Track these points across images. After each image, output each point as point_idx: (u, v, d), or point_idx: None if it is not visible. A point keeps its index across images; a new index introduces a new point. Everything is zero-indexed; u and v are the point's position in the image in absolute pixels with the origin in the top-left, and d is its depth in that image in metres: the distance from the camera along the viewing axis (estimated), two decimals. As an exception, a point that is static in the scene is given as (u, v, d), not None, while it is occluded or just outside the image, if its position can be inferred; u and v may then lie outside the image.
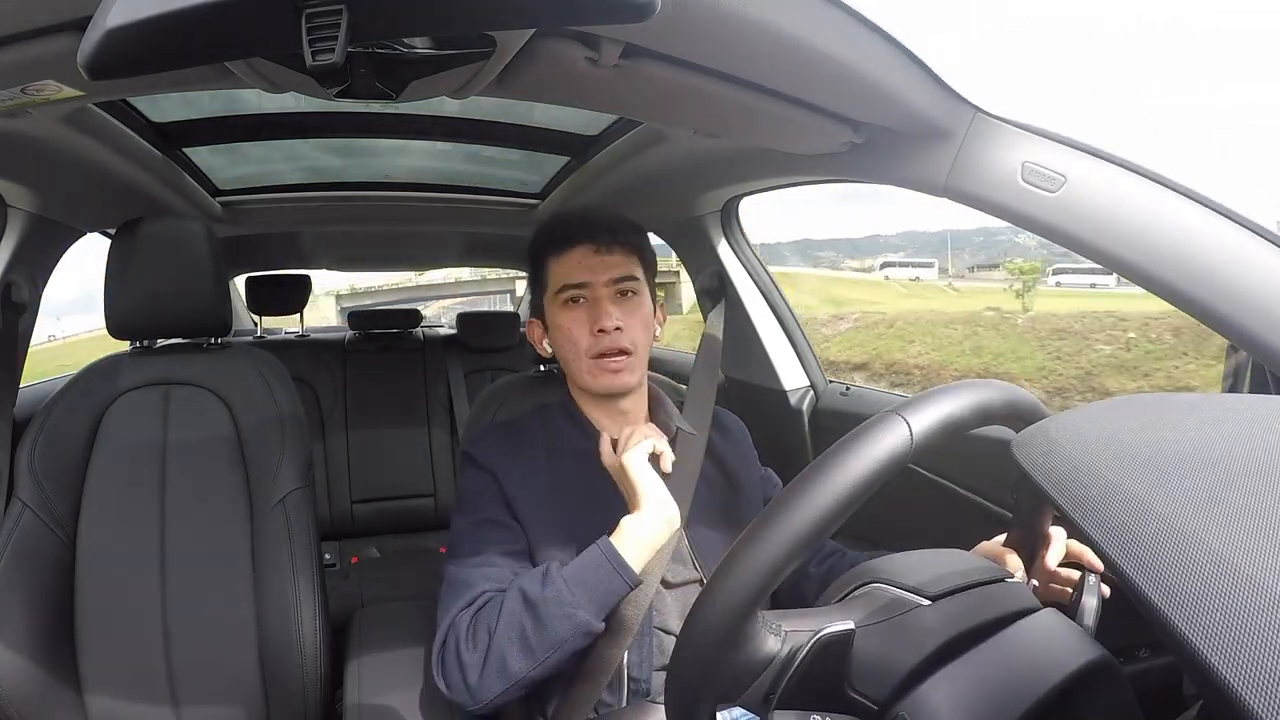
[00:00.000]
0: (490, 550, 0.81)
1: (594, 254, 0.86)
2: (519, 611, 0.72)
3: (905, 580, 0.49)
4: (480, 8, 0.44)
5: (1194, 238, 0.66)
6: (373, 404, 2.20)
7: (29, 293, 1.13)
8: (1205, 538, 0.27)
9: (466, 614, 0.76)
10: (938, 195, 0.82)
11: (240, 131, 1.36)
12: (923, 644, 0.45)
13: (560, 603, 0.70)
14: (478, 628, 0.74)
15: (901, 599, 0.48)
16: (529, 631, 0.71)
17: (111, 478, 1.06)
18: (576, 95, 0.79)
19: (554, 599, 0.70)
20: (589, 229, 0.87)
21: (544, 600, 0.71)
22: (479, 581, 0.79)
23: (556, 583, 0.72)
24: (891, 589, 0.49)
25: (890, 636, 0.46)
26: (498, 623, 0.72)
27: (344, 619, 1.18)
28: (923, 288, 27.06)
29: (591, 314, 0.85)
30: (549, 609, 0.70)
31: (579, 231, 0.87)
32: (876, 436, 0.44)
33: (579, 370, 0.86)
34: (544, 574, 0.74)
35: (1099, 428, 0.37)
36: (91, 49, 0.40)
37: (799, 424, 1.49)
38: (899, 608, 0.47)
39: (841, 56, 0.66)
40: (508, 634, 0.71)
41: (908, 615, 0.47)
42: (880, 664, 0.45)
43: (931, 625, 0.46)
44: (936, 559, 0.53)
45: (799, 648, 0.45)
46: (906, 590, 0.48)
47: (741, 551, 0.43)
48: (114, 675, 1.01)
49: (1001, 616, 0.47)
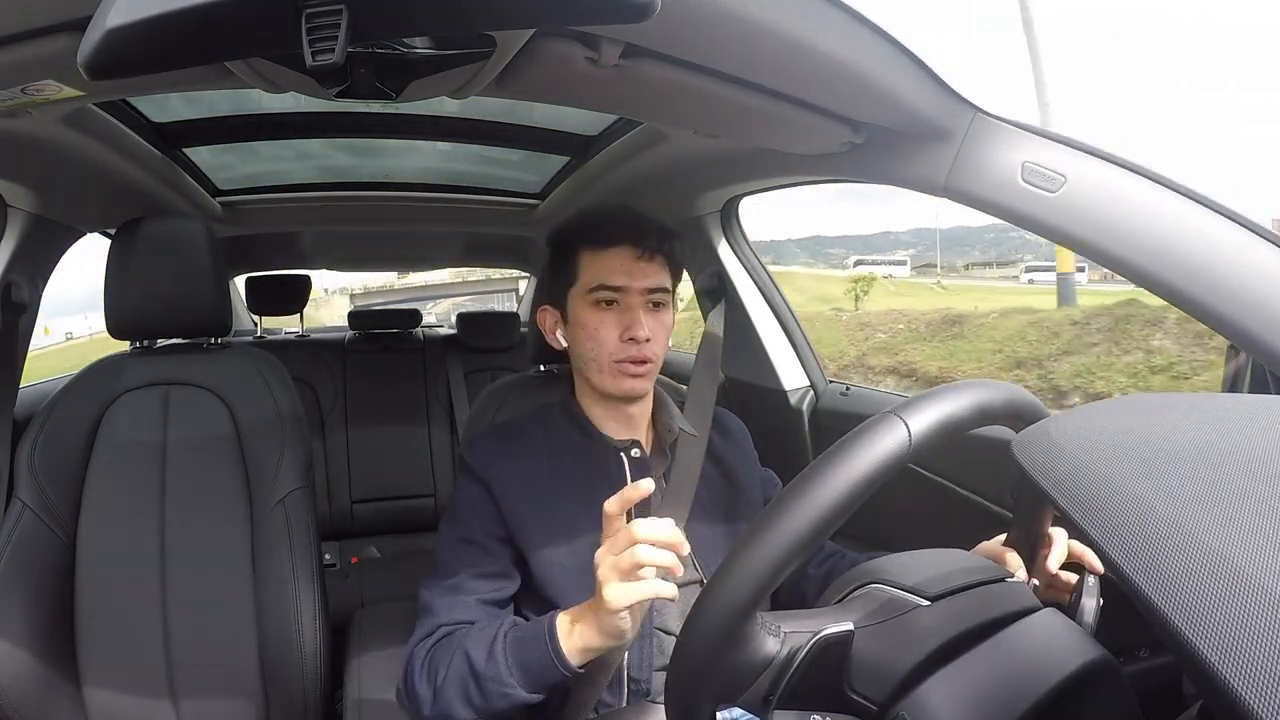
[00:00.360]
0: (463, 573, 0.81)
1: (635, 259, 0.83)
2: (463, 674, 0.72)
3: (904, 580, 0.49)
4: (480, 8, 0.44)
5: (1194, 238, 0.66)
6: (373, 404, 2.20)
7: (29, 293, 1.13)
8: (1205, 537, 0.27)
9: (423, 647, 0.77)
10: (938, 195, 0.82)
11: (240, 131, 1.36)
12: (922, 644, 0.45)
13: (499, 681, 0.70)
14: (431, 665, 0.75)
15: (900, 599, 0.48)
16: (472, 694, 0.71)
17: (111, 478, 1.06)
18: (576, 95, 0.78)
19: (493, 677, 0.70)
20: (636, 232, 0.83)
21: (484, 675, 0.70)
22: (441, 611, 0.79)
23: (498, 660, 0.70)
24: (890, 589, 0.49)
25: (889, 637, 0.46)
26: (446, 674, 0.73)
27: (344, 619, 1.18)
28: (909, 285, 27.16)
29: (623, 320, 0.83)
30: (488, 685, 0.70)
31: (624, 232, 0.83)
32: (875, 438, 0.44)
33: (596, 370, 0.85)
34: (490, 643, 0.72)
35: (1099, 427, 0.37)
36: (91, 49, 0.40)
37: (799, 424, 1.49)
38: (898, 608, 0.47)
39: (841, 56, 0.66)
40: (453, 689, 0.72)
41: (907, 616, 0.47)
42: (879, 665, 0.45)
43: (931, 626, 0.46)
44: (936, 559, 0.53)
45: (798, 649, 0.45)
46: (906, 590, 0.48)
47: (740, 553, 0.43)
48: (114, 675, 1.01)
49: (1001, 616, 0.47)
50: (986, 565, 0.54)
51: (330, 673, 1.08)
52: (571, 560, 0.81)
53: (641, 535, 0.62)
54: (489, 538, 0.83)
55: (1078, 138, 0.73)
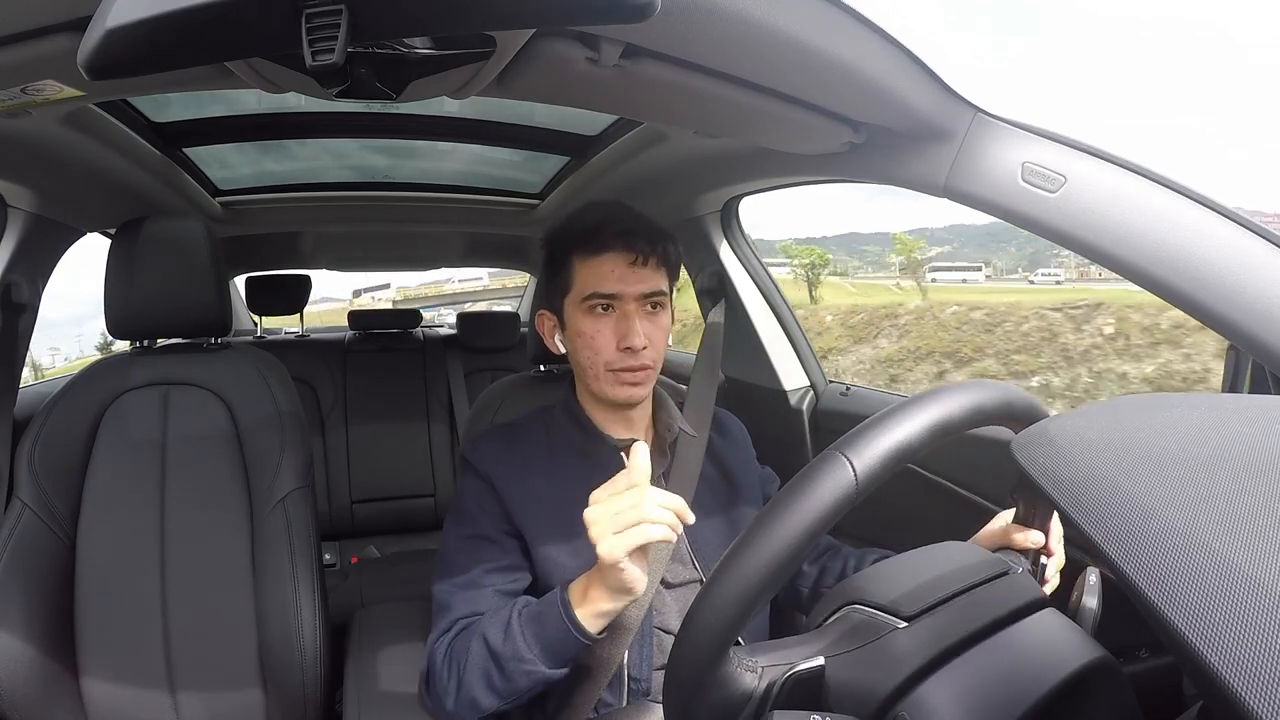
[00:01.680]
0: (475, 569, 0.81)
1: (629, 265, 0.82)
2: (483, 658, 0.72)
3: (882, 599, 0.48)
4: (480, 8, 0.44)
5: (1194, 238, 0.66)
6: (373, 404, 2.20)
7: (29, 293, 1.13)
8: (1205, 537, 0.27)
9: (443, 642, 0.77)
10: (938, 195, 0.82)
11: (240, 131, 1.36)
12: (895, 671, 0.44)
13: (519, 659, 0.70)
14: (451, 659, 0.75)
15: (876, 622, 0.47)
16: (494, 678, 0.71)
17: (111, 478, 1.06)
18: (576, 95, 0.78)
19: (513, 655, 0.70)
20: (627, 238, 0.81)
21: (503, 655, 0.70)
22: (457, 605, 0.79)
23: (515, 638, 0.70)
24: (867, 610, 0.48)
25: (864, 663, 0.46)
26: (466, 662, 0.73)
27: (344, 619, 1.18)
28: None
29: (619, 327, 0.82)
30: (509, 664, 0.70)
31: (616, 239, 0.81)
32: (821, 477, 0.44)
33: (594, 377, 0.85)
34: (505, 624, 0.72)
35: (1099, 428, 0.37)
36: (91, 49, 0.40)
37: (799, 424, 1.49)
38: (872, 633, 0.47)
39: (841, 56, 0.66)
40: (474, 676, 0.72)
41: (881, 640, 0.46)
42: (855, 692, 0.45)
43: (906, 650, 0.45)
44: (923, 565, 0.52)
45: (775, 681, 0.46)
46: (882, 610, 0.48)
47: (697, 607, 0.44)
48: (114, 674, 1.01)
49: (990, 623, 0.47)
50: (981, 563, 0.52)
51: (330, 672, 1.08)
52: (574, 560, 0.81)
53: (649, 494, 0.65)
54: (498, 532, 0.83)
55: (1077, 137, 0.73)
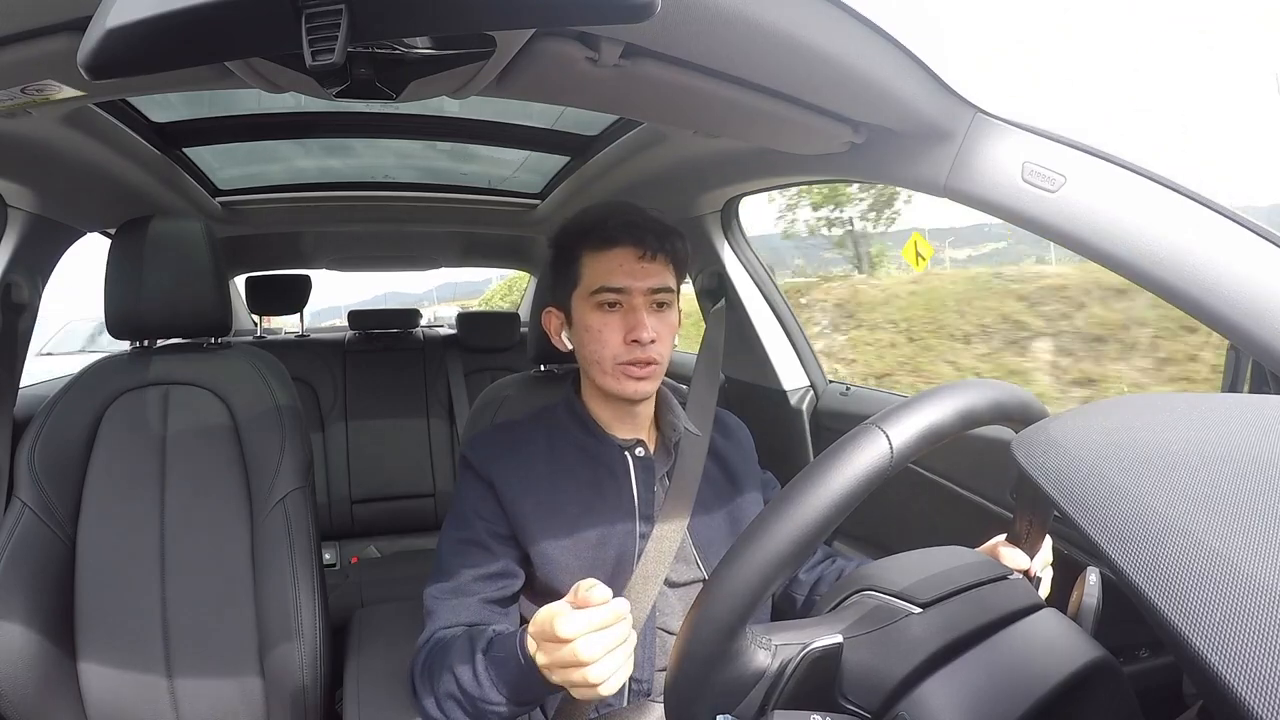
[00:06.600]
0: (465, 575, 0.81)
1: (637, 260, 0.82)
2: (454, 689, 0.72)
3: (896, 586, 0.49)
4: (480, 8, 0.44)
5: (1194, 238, 0.66)
6: (373, 404, 2.20)
7: (29, 293, 1.13)
8: (1206, 537, 0.27)
9: (421, 654, 0.78)
10: (938, 195, 0.82)
11: (240, 131, 1.36)
12: (911, 654, 0.44)
13: (487, 701, 0.69)
14: (428, 673, 0.75)
15: (891, 607, 0.48)
16: (467, 709, 0.71)
17: (111, 478, 1.06)
18: (576, 95, 0.78)
19: (481, 698, 0.70)
20: (636, 233, 0.82)
21: (474, 697, 0.70)
22: (440, 614, 0.79)
23: (482, 682, 0.69)
24: (882, 596, 0.49)
25: (880, 646, 0.46)
26: (439, 681, 0.73)
27: (344, 619, 1.18)
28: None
29: (627, 321, 0.83)
30: (480, 705, 0.70)
31: (624, 234, 0.82)
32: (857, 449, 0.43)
33: (601, 372, 0.85)
34: (472, 667, 0.70)
35: (1100, 427, 0.37)
36: (91, 49, 0.40)
37: (799, 424, 1.49)
38: (888, 616, 0.47)
39: (841, 56, 0.66)
40: (447, 697, 0.72)
41: (897, 624, 0.47)
42: (870, 675, 0.45)
43: (921, 634, 0.45)
44: (932, 560, 0.53)
45: (789, 660, 0.45)
46: (897, 597, 0.48)
47: (724, 572, 0.44)
48: (114, 674, 1.01)
49: (998, 618, 0.47)
50: (985, 564, 0.53)
51: (330, 673, 1.08)
52: (575, 560, 0.81)
53: (569, 634, 0.57)
54: (491, 537, 0.83)
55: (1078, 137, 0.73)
